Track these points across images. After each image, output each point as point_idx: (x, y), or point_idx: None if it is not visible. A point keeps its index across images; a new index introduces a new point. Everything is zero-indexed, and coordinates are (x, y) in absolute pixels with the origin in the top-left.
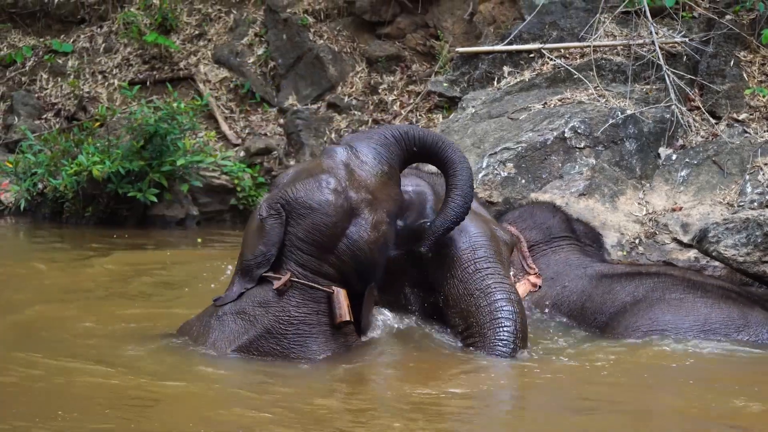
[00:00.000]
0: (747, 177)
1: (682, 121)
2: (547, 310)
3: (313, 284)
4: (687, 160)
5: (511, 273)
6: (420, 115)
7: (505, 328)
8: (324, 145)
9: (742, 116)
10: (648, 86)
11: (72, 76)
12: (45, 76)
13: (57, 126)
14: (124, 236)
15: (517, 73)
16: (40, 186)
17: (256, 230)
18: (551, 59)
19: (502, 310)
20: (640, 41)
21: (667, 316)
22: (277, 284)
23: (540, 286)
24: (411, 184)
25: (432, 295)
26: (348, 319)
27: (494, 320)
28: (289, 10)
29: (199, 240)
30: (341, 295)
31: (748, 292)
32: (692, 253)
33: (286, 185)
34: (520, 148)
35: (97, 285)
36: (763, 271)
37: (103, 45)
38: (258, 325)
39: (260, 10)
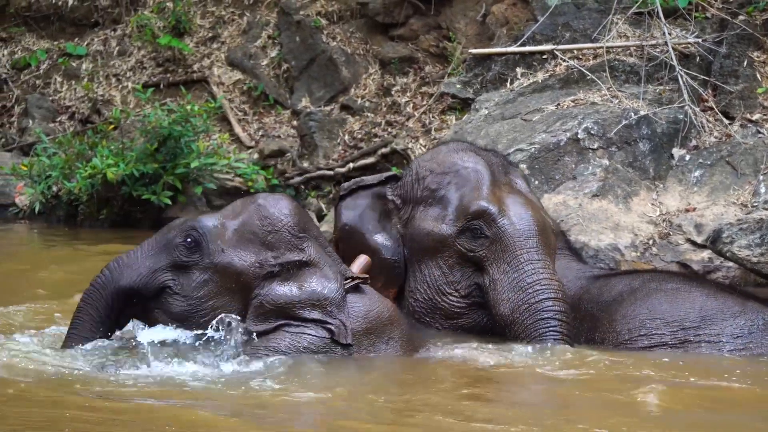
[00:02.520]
0: (761, 177)
1: (695, 122)
2: None
3: None
4: (700, 160)
5: None
6: (433, 117)
7: (552, 328)
8: (337, 147)
9: (756, 116)
10: (661, 87)
11: (86, 79)
12: (59, 79)
13: (71, 129)
14: (138, 239)
15: (530, 74)
16: (54, 189)
17: None
18: (564, 60)
19: (549, 310)
20: (653, 42)
21: (663, 305)
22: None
23: None
24: (469, 161)
25: (479, 275)
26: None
27: (541, 320)
28: (302, 12)
29: None
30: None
31: (746, 291)
32: (706, 254)
33: None
34: (533, 149)
35: None
36: None
37: (117, 48)
38: None
39: (273, 12)
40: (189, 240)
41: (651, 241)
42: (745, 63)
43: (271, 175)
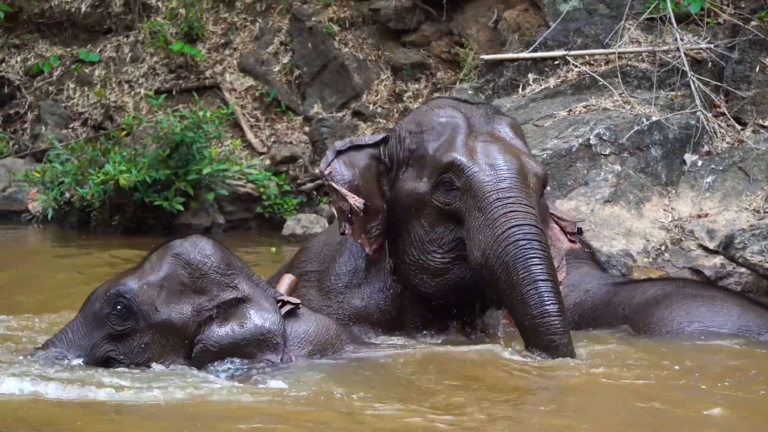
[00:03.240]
0: None
1: (707, 128)
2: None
3: None
4: (713, 166)
5: None
6: None
7: (525, 249)
8: None
9: None
10: (673, 93)
11: (99, 86)
12: (72, 85)
13: (84, 135)
14: (150, 245)
15: (542, 80)
16: (67, 195)
17: None
18: (576, 66)
19: (520, 233)
20: (665, 48)
21: (701, 308)
22: None
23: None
24: (445, 115)
25: (460, 228)
26: None
27: (510, 244)
28: (314, 19)
29: None
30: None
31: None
32: (718, 260)
33: None
34: (545, 155)
35: None
36: None
37: (130, 54)
38: None
39: (285, 18)
40: (119, 308)
41: (663, 247)
42: (758, 68)
43: (282, 181)
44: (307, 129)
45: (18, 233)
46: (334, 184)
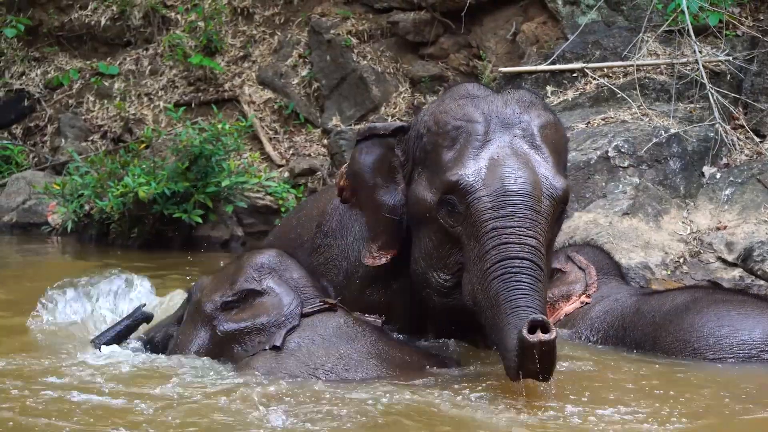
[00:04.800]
0: None
1: (726, 140)
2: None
3: None
4: (731, 178)
5: (570, 287)
6: None
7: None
8: None
9: None
10: (692, 105)
11: (118, 99)
12: (92, 98)
13: (103, 148)
14: (169, 257)
15: (561, 92)
16: (86, 207)
17: None
18: (594, 78)
19: (508, 266)
20: (684, 60)
21: (731, 313)
22: None
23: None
24: (462, 117)
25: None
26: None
27: (495, 278)
28: (332, 32)
29: None
30: None
31: None
32: (737, 272)
33: None
34: None
35: None
36: None
37: (149, 67)
38: None
39: (304, 31)
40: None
41: (681, 260)
42: None
43: (301, 194)
44: (325, 141)
45: (38, 245)
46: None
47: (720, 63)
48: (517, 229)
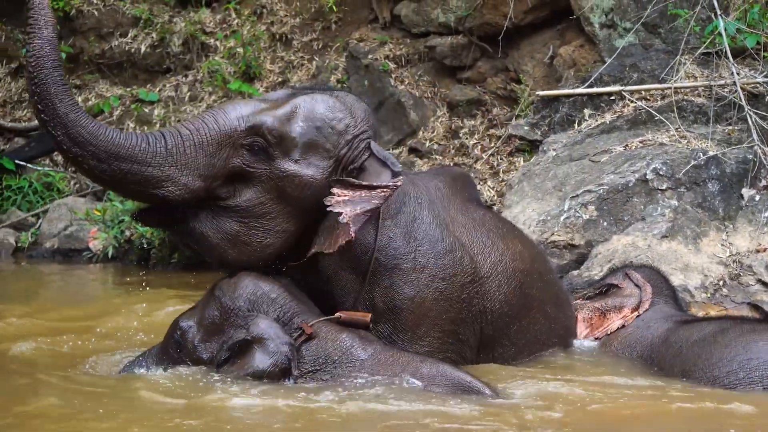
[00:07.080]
0: None
1: (765, 162)
2: (628, 348)
3: None
4: None
5: (624, 300)
6: (501, 159)
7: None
8: None
9: None
10: (730, 127)
11: (158, 125)
12: (132, 125)
13: None
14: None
15: (598, 115)
16: (127, 233)
17: None
18: (632, 101)
19: None
20: (722, 82)
21: (759, 343)
22: None
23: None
24: None
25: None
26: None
27: None
28: (370, 56)
29: None
30: None
31: None
32: None
33: None
34: (601, 190)
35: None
36: None
37: (189, 93)
38: None
39: (342, 56)
40: (173, 341)
41: (721, 282)
42: None
43: None
44: None
45: (79, 271)
46: None
47: (758, 85)
48: None
